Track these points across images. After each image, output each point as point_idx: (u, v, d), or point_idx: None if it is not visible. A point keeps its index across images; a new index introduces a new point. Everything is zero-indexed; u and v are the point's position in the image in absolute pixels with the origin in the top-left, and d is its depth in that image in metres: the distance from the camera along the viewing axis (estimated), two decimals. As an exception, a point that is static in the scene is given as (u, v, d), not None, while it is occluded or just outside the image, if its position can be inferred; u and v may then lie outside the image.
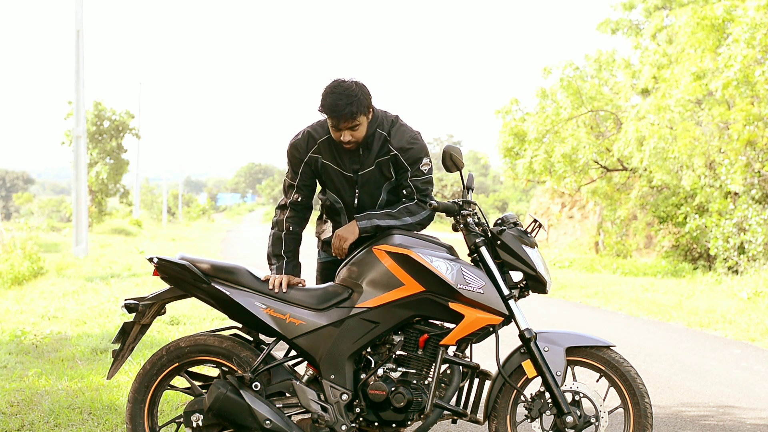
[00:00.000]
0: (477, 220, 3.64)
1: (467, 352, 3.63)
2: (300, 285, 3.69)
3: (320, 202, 3.93)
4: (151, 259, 3.68)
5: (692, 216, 15.39)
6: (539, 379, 3.55)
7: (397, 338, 3.56)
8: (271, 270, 3.73)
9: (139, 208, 41.46)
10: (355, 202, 3.75)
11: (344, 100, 3.52)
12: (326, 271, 3.93)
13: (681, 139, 13.90)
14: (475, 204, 3.64)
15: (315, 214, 4.24)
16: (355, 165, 3.71)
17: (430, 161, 3.75)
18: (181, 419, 3.66)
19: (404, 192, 3.74)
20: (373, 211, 3.70)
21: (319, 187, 3.90)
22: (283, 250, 3.73)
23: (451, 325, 3.57)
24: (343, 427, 3.51)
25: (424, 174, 3.73)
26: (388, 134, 3.71)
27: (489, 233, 3.61)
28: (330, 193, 3.79)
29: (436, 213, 3.65)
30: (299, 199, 3.78)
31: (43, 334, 7.33)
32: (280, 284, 3.63)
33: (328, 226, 3.94)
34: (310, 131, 3.75)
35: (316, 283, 3.98)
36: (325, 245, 3.95)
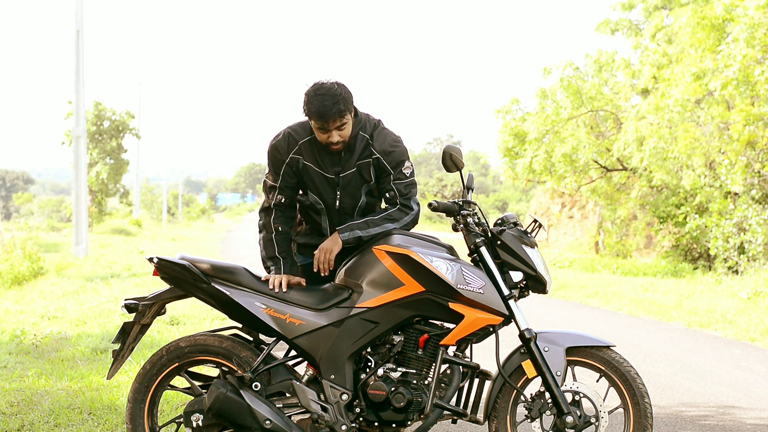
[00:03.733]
0: (477, 220, 3.64)
1: (467, 352, 3.63)
2: (300, 284, 3.69)
3: (298, 202, 3.87)
4: (151, 259, 3.68)
5: (692, 216, 15.39)
6: (539, 379, 3.55)
7: (397, 338, 3.56)
8: (268, 273, 3.72)
9: (139, 208, 41.47)
10: (337, 203, 3.73)
11: (330, 100, 3.52)
12: (307, 273, 3.82)
13: (681, 140, 13.90)
14: (475, 204, 3.64)
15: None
16: (337, 167, 3.70)
17: (411, 165, 3.77)
18: (181, 419, 3.66)
19: (387, 196, 3.73)
20: (354, 221, 3.68)
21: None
22: (277, 251, 3.71)
23: (451, 325, 3.57)
24: (343, 427, 3.51)
25: (407, 177, 3.73)
26: (370, 137, 3.70)
27: (489, 233, 3.61)
28: (311, 194, 3.75)
29: (436, 213, 3.65)
30: (282, 200, 3.75)
31: (43, 334, 7.33)
32: (281, 284, 3.63)
33: (307, 230, 3.86)
34: (291, 132, 3.73)
35: None
36: (301, 248, 3.86)
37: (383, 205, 3.86)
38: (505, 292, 3.50)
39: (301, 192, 3.82)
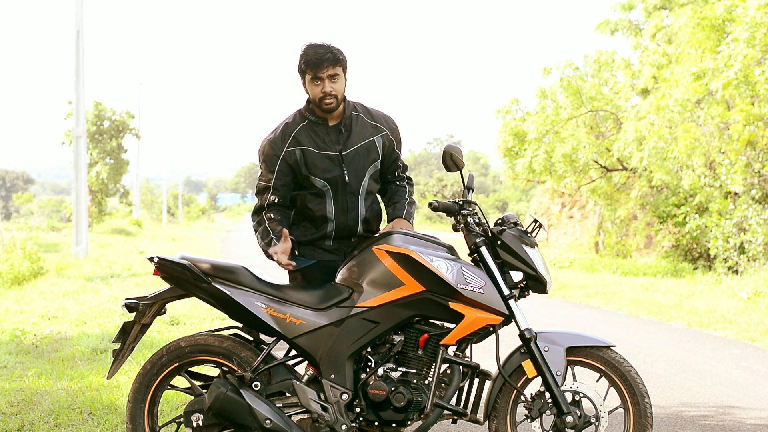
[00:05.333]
0: (477, 220, 3.64)
1: (467, 352, 3.63)
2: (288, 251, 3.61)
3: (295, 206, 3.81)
4: (151, 259, 3.68)
5: (692, 216, 15.39)
6: (539, 379, 3.55)
7: (397, 338, 3.56)
8: (269, 255, 3.66)
9: (139, 208, 41.49)
10: (346, 178, 3.71)
11: (324, 49, 3.64)
12: (308, 276, 3.79)
13: (681, 140, 13.90)
14: (476, 204, 3.64)
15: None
16: (337, 146, 3.72)
17: None
18: (181, 419, 3.66)
19: (396, 173, 3.92)
20: (401, 206, 3.86)
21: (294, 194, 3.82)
22: (273, 233, 3.67)
23: (451, 325, 3.57)
24: (343, 427, 3.51)
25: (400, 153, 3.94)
26: (368, 116, 3.79)
27: (489, 233, 3.60)
28: (317, 178, 3.69)
29: (437, 212, 3.65)
30: (276, 200, 3.72)
31: (43, 334, 7.34)
32: (284, 258, 3.58)
33: (306, 228, 3.80)
34: (283, 127, 3.75)
35: None
36: (302, 247, 3.80)
37: (383, 189, 3.97)
38: (506, 291, 3.50)
39: (298, 186, 3.76)
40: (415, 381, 3.52)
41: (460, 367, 3.56)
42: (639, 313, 10.08)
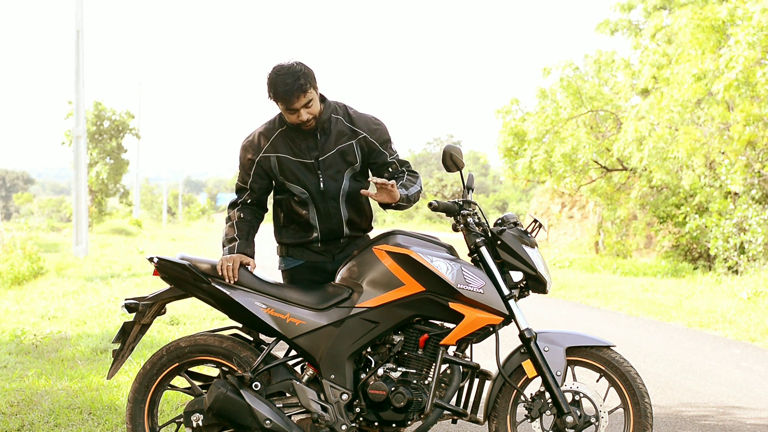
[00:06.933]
0: (477, 220, 3.64)
1: (467, 352, 3.63)
2: (250, 266, 3.64)
3: (279, 209, 3.81)
4: (151, 259, 3.68)
5: (692, 216, 15.39)
6: (539, 379, 3.55)
7: (397, 338, 3.56)
8: (223, 254, 3.68)
9: (139, 208, 41.52)
10: (321, 186, 3.69)
11: (291, 78, 3.52)
12: (297, 276, 3.81)
13: (682, 142, 13.89)
14: (476, 204, 3.64)
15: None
16: (314, 152, 3.68)
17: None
18: (181, 419, 3.66)
19: (390, 170, 3.77)
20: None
21: (273, 193, 3.83)
22: (236, 234, 3.69)
23: (451, 325, 3.57)
24: (343, 427, 3.51)
25: (396, 152, 3.79)
26: (347, 120, 3.72)
27: (489, 233, 3.60)
28: (293, 185, 3.69)
29: (437, 213, 3.65)
30: (248, 201, 3.76)
31: (43, 334, 7.33)
32: (231, 270, 3.58)
33: (295, 232, 3.78)
34: (262, 131, 3.74)
35: None
36: (290, 249, 3.80)
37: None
38: (505, 292, 3.50)
39: (281, 190, 3.77)
40: (415, 381, 3.52)
41: (460, 367, 3.56)
42: (639, 313, 10.08)
